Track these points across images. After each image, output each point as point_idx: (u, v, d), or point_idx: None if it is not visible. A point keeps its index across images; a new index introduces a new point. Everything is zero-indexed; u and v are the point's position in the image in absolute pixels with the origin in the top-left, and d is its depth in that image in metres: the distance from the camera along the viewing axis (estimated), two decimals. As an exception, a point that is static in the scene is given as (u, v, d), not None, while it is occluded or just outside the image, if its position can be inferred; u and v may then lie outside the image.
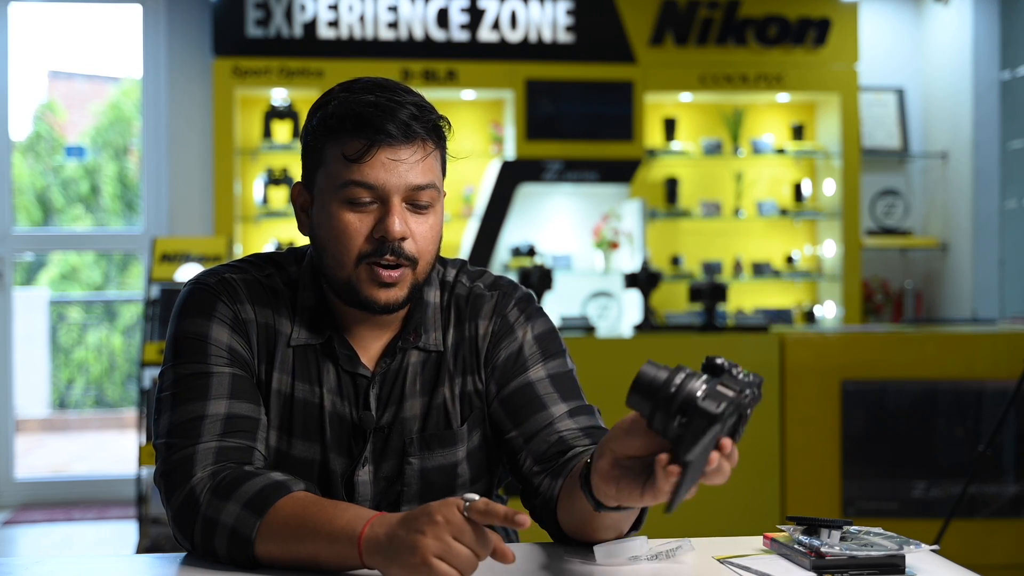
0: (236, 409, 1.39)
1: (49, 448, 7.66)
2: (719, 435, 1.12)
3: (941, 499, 3.81)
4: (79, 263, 9.48)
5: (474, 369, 1.51)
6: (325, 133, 1.41)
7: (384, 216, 1.38)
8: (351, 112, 1.39)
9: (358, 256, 1.39)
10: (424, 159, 1.41)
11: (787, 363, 3.86)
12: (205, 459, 1.35)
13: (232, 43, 5.35)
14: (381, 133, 1.37)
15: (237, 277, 1.48)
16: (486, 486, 1.55)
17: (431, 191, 1.41)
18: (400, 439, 1.47)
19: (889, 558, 1.29)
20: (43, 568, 1.37)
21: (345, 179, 1.38)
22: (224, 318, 1.44)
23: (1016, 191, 5.81)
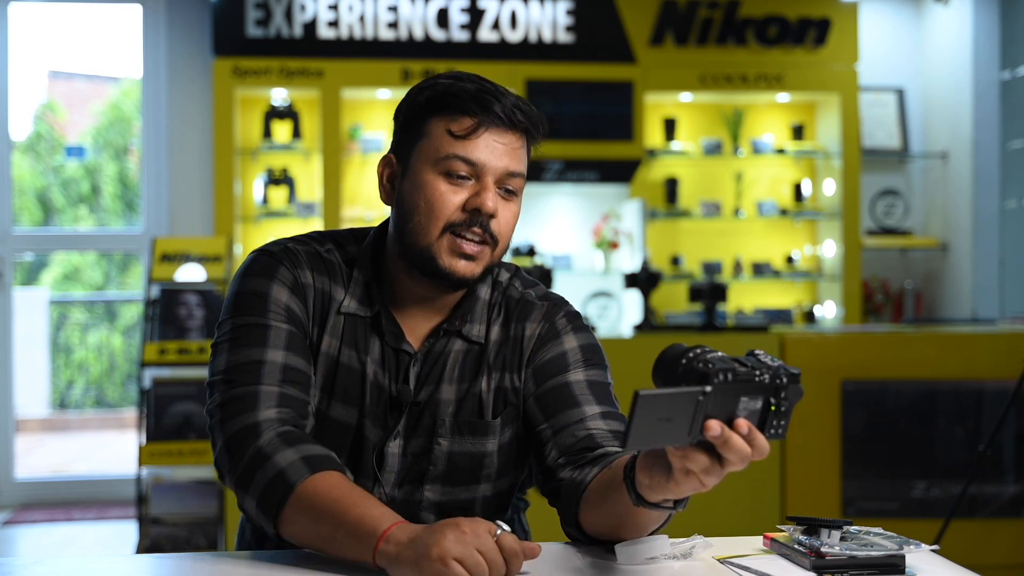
0: (292, 361, 1.44)
1: (49, 448, 7.66)
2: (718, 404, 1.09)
3: (941, 499, 3.81)
4: (81, 263, 9.48)
5: (514, 368, 1.54)
6: (432, 109, 1.47)
7: (480, 192, 1.44)
8: (463, 91, 1.46)
9: (447, 224, 1.44)
10: (521, 148, 1.48)
11: (787, 363, 3.85)
12: (268, 400, 1.41)
13: (232, 43, 5.35)
14: (490, 115, 1.44)
15: (300, 247, 1.53)
16: (510, 483, 1.57)
17: (520, 180, 1.48)
18: (432, 418, 1.50)
19: (889, 558, 1.29)
20: (43, 568, 1.37)
21: (448, 152, 1.44)
22: (284, 280, 1.49)
23: (1016, 191, 5.81)
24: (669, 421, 1.07)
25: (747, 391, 1.11)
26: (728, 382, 1.09)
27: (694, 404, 1.08)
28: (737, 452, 1.12)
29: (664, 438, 1.09)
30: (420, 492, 1.51)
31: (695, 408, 1.08)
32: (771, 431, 1.13)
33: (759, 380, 1.12)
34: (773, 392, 1.13)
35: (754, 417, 1.12)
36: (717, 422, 1.10)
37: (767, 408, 1.12)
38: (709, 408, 1.09)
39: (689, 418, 1.08)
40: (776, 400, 1.13)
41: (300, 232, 1.59)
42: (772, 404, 1.13)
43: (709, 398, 1.09)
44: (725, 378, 1.09)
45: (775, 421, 1.13)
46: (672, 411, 1.07)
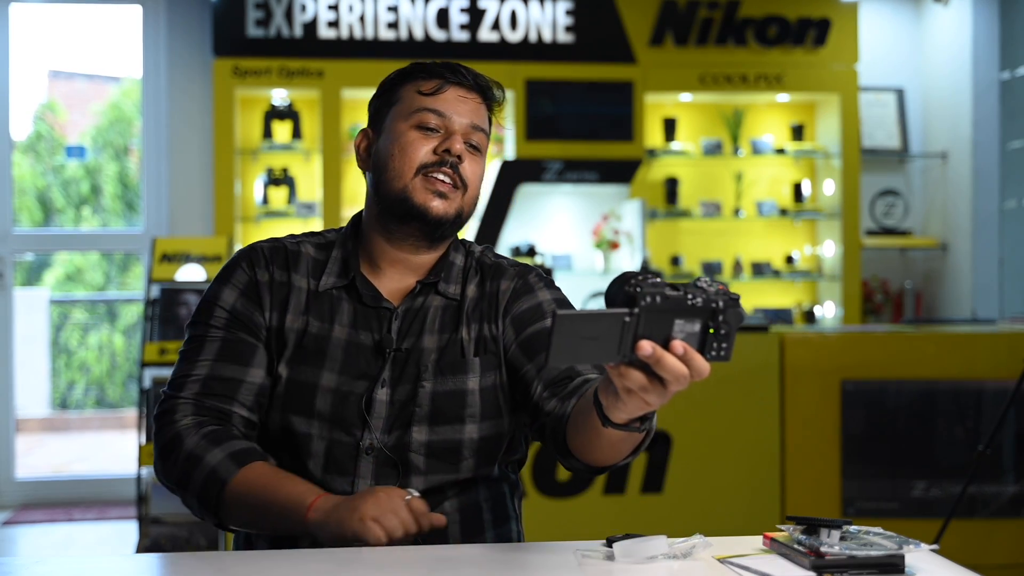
0: (216, 371, 1.58)
1: (49, 448, 7.66)
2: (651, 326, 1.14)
3: (941, 499, 3.81)
4: (83, 263, 9.48)
5: (491, 319, 1.64)
6: (403, 78, 1.65)
7: (448, 138, 1.59)
8: (430, 63, 1.65)
9: (420, 166, 1.59)
10: (483, 109, 1.65)
11: (787, 363, 3.86)
12: (185, 410, 1.57)
13: (232, 43, 5.35)
14: (454, 73, 1.62)
15: (265, 245, 1.67)
16: (496, 431, 1.61)
17: (483, 136, 1.64)
18: (416, 366, 1.59)
19: (889, 558, 1.29)
20: (43, 568, 1.37)
21: (418, 106, 1.61)
22: (238, 283, 1.63)
23: (1016, 191, 5.81)
24: (595, 340, 1.12)
25: (681, 314, 1.15)
26: (656, 305, 1.13)
27: (620, 325, 1.12)
28: (671, 371, 1.16)
29: (591, 356, 1.14)
30: (408, 435, 1.57)
31: (621, 329, 1.13)
32: (711, 353, 1.18)
33: (692, 303, 1.15)
34: (710, 315, 1.16)
35: (692, 340, 1.16)
36: (648, 342, 1.14)
37: (705, 331, 1.16)
38: (640, 330, 1.13)
39: (617, 338, 1.13)
40: (714, 323, 1.16)
41: (301, 228, 1.70)
42: (710, 327, 1.16)
43: (637, 320, 1.13)
44: (653, 301, 1.13)
45: (715, 344, 1.17)
46: (596, 331, 1.12)
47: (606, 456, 1.41)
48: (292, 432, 1.57)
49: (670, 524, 3.42)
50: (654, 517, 3.70)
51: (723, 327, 1.17)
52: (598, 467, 1.45)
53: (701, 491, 3.76)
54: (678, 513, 3.70)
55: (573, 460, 1.46)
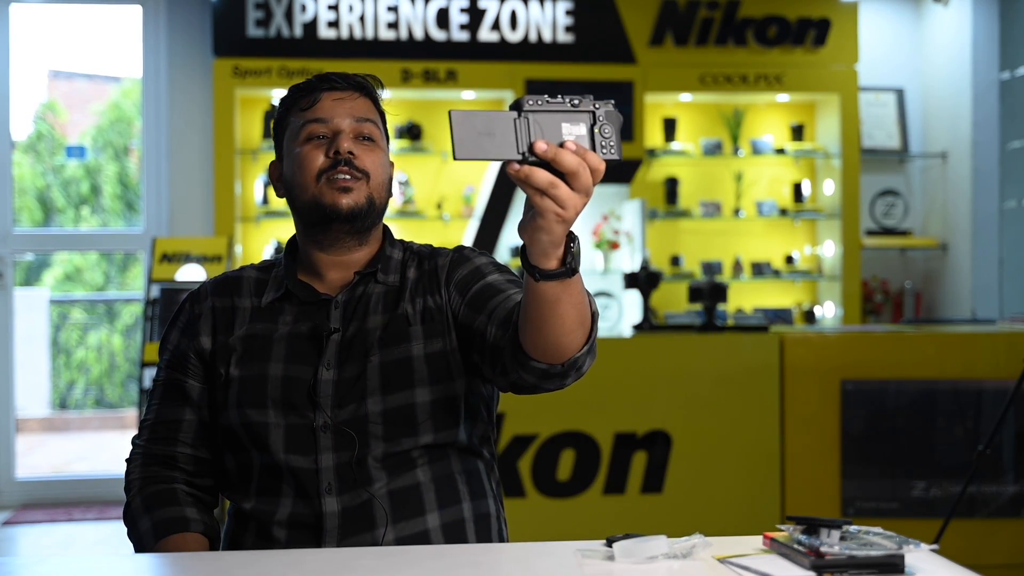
0: (161, 415, 1.74)
1: (49, 448, 7.66)
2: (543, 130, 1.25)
3: (941, 499, 3.81)
4: (83, 263, 9.48)
5: (433, 291, 1.71)
6: (284, 107, 1.74)
7: (334, 139, 1.67)
8: (300, 84, 1.75)
9: (318, 173, 1.66)
10: (362, 101, 1.73)
11: (787, 363, 3.86)
12: (137, 460, 1.80)
13: (232, 43, 5.35)
14: (325, 82, 1.72)
15: (210, 281, 1.79)
16: (448, 395, 1.65)
17: (372, 126, 1.71)
18: (363, 345, 1.66)
19: (889, 558, 1.29)
20: (43, 568, 1.37)
21: (302, 121, 1.69)
22: (179, 321, 1.77)
23: (1016, 191, 5.81)
24: (491, 136, 1.24)
25: (565, 118, 1.27)
26: (539, 106, 1.25)
27: (511, 124, 1.25)
28: (568, 164, 1.25)
29: (492, 151, 1.24)
30: (364, 407, 1.62)
31: (514, 128, 1.25)
32: (602, 152, 1.28)
33: (572, 104, 1.27)
34: (591, 117, 1.28)
35: (583, 141, 1.28)
36: (543, 141, 1.25)
37: (592, 132, 1.28)
38: (533, 133, 1.25)
39: (513, 137, 1.24)
40: (596, 123, 1.28)
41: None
42: (594, 128, 1.28)
43: (527, 123, 1.25)
44: (536, 103, 1.25)
45: (601, 142, 1.28)
46: (490, 127, 1.24)
47: (556, 334, 1.43)
48: (250, 424, 1.64)
49: (670, 524, 3.42)
50: (654, 517, 3.70)
51: (605, 126, 1.28)
52: (556, 362, 1.47)
53: (701, 491, 3.76)
54: (678, 513, 3.70)
55: (532, 363, 1.49)
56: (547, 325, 1.43)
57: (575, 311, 1.43)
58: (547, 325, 1.43)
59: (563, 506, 3.74)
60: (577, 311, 1.43)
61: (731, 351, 3.88)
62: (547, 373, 1.49)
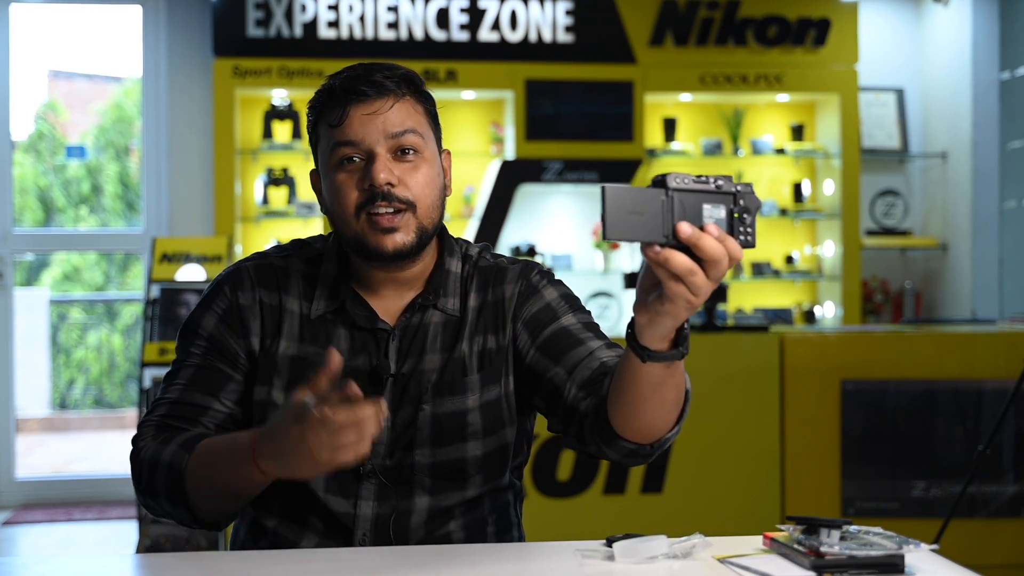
0: (185, 397, 1.54)
1: (49, 448, 7.66)
2: (685, 212, 1.20)
3: (941, 499, 3.81)
4: (82, 263, 9.48)
5: (498, 328, 1.58)
6: (315, 114, 1.57)
7: (369, 166, 1.50)
8: (328, 88, 1.56)
9: (356, 208, 1.50)
10: (398, 107, 1.53)
11: (787, 363, 3.86)
12: (148, 432, 1.54)
13: (232, 43, 5.35)
14: (352, 94, 1.52)
15: (251, 264, 1.61)
16: (500, 444, 1.58)
17: (412, 136, 1.52)
18: (418, 388, 1.54)
19: (889, 558, 1.29)
20: (43, 568, 1.37)
21: (332, 143, 1.52)
22: (217, 308, 1.58)
23: (1016, 191, 5.81)
24: (640, 215, 1.18)
25: (707, 199, 1.22)
26: (686, 186, 1.20)
27: (660, 203, 1.19)
28: (710, 251, 1.19)
29: (639, 232, 1.19)
30: (412, 457, 1.53)
31: (662, 208, 1.19)
32: (740, 237, 1.23)
33: (716, 186, 1.22)
34: (732, 200, 1.23)
35: (721, 225, 1.22)
36: (687, 223, 1.19)
37: (731, 216, 1.23)
38: (676, 214, 1.20)
39: (659, 217, 1.19)
40: (737, 208, 1.23)
41: (301, 228, 1.67)
42: (734, 212, 1.23)
43: (672, 201, 1.19)
44: (682, 182, 1.20)
45: (740, 228, 1.23)
46: (640, 206, 1.18)
47: (652, 417, 1.37)
48: None
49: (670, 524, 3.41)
50: (654, 517, 3.70)
51: (745, 211, 1.23)
52: (646, 442, 1.41)
53: (701, 491, 3.76)
54: (678, 513, 3.70)
55: (620, 441, 1.42)
56: (645, 406, 1.36)
57: (675, 392, 1.37)
58: (645, 406, 1.36)
59: (563, 506, 3.74)
60: (676, 392, 1.37)
61: (731, 351, 3.88)
62: (635, 453, 1.43)
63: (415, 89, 1.57)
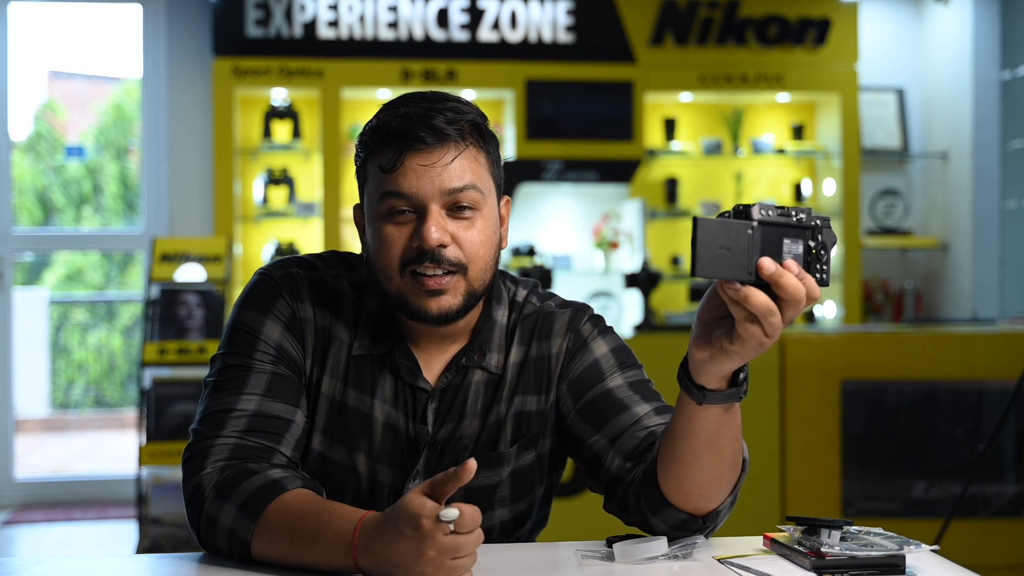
0: (266, 408, 1.38)
1: (49, 448, 7.65)
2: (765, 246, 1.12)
3: (941, 499, 3.81)
4: (83, 263, 9.48)
5: (541, 388, 1.49)
6: (367, 149, 1.42)
7: (422, 224, 1.36)
8: (383, 124, 1.39)
9: (401, 265, 1.38)
10: (459, 160, 1.37)
11: (787, 363, 3.86)
12: (219, 453, 1.35)
13: (232, 43, 5.35)
14: (409, 139, 1.36)
15: (303, 274, 1.47)
16: (528, 504, 1.53)
17: (472, 193, 1.38)
18: (454, 456, 1.45)
19: (889, 558, 1.29)
20: (43, 568, 1.37)
21: (382, 191, 1.38)
22: (280, 315, 1.44)
23: (1016, 191, 5.81)
24: (728, 251, 1.11)
25: (787, 234, 1.15)
26: (770, 219, 1.12)
27: (747, 237, 1.11)
28: (791, 290, 1.12)
29: (726, 270, 1.11)
30: None
31: (748, 242, 1.11)
32: (816, 275, 1.16)
33: (797, 219, 1.15)
34: (811, 235, 1.16)
35: (799, 261, 1.15)
36: (769, 259, 1.12)
37: (808, 252, 1.16)
38: (759, 248, 1.13)
39: (746, 252, 1.11)
40: (815, 243, 1.16)
41: (301, 228, 1.59)
42: (812, 248, 1.16)
43: (757, 234, 1.12)
44: (767, 214, 1.13)
45: (817, 264, 1.16)
46: (729, 240, 1.11)
47: (704, 477, 1.30)
48: None
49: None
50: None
51: (822, 247, 1.16)
52: (697, 513, 1.34)
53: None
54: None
55: (669, 510, 1.34)
56: (699, 462, 1.29)
57: (731, 448, 1.30)
58: (699, 462, 1.29)
59: (563, 506, 3.74)
60: (733, 448, 1.30)
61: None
62: (684, 525, 1.35)
63: (479, 135, 1.41)
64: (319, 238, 5.41)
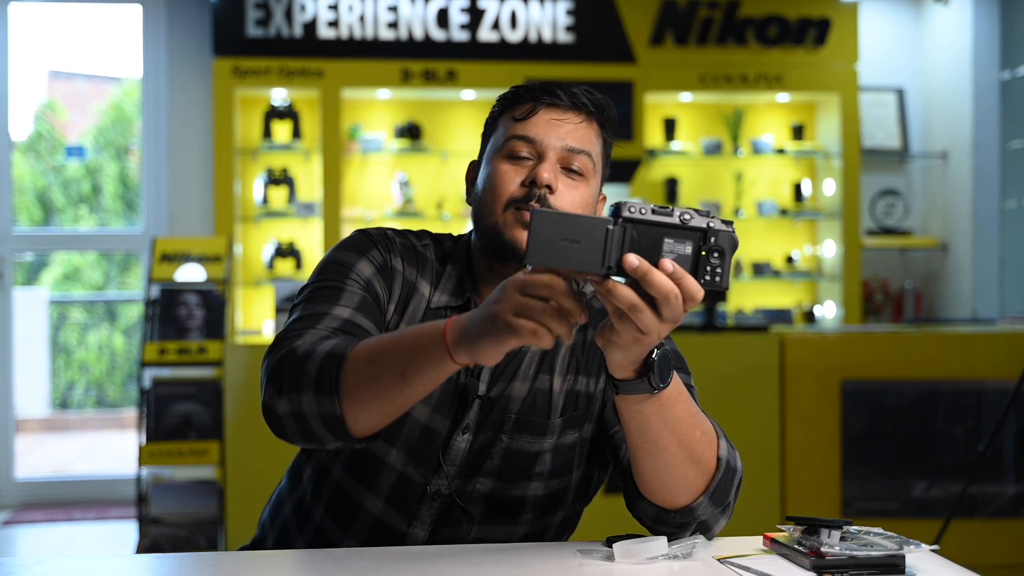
0: (358, 319, 1.44)
1: (49, 448, 7.66)
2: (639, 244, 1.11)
3: (941, 499, 3.81)
4: (82, 263, 9.49)
5: (591, 371, 1.54)
6: (502, 105, 1.55)
7: (538, 166, 1.47)
8: (526, 86, 1.54)
9: (508, 200, 1.47)
10: (585, 127, 1.50)
11: (787, 363, 3.86)
12: (313, 337, 1.38)
13: (232, 43, 5.35)
14: (548, 95, 1.50)
15: (397, 237, 1.57)
16: (563, 486, 1.55)
17: (585, 158, 1.49)
18: (502, 415, 1.50)
19: (889, 558, 1.29)
20: (43, 568, 1.37)
21: (510, 134, 1.50)
22: (374, 260, 1.52)
23: (1016, 191, 5.81)
24: (576, 243, 1.10)
25: (670, 234, 1.13)
26: (642, 218, 1.11)
27: (603, 233, 1.10)
28: (659, 288, 1.11)
29: (572, 261, 1.10)
30: (472, 484, 1.50)
31: (605, 237, 1.10)
32: (705, 278, 1.14)
33: (681, 220, 1.12)
34: (702, 237, 1.13)
35: (685, 262, 1.13)
36: (634, 255, 1.11)
37: (697, 254, 1.13)
38: (628, 246, 1.11)
39: (600, 247, 1.10)
40: (706, 246, 1.13)
41: (301, 228, 1.60)
42: (703, 250, 1.13)
43: (623, 232, 1.11)
44: (638, 211, 1.11)
45: (707, 267, 1.14)
46: (577, 234, 1.10)
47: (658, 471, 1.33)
48: (367, 452, 1.48)
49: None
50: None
51: (716, 250, 1.13)
52: (668, 507, 1.37)
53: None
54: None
55: (641, 502, 1.40)
56: (641, 453, 1.32)
57: (675, 441, 1.31)
58: (641, 453, 1.32)
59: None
60: (679, 441, 1.32)
61: (731, 351, 3.88)
62: (659, 518, 1.39)
63: (606, 118, 1.53)
64: (319, 238, 5.41)
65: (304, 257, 5.50)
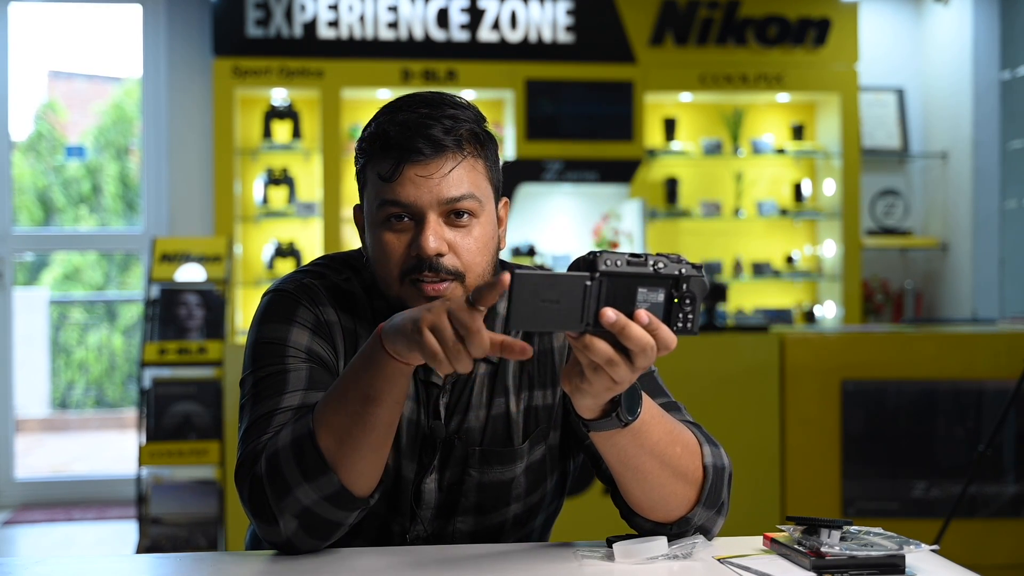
0: (311, 398, 1.39)
1: (49, 448, 7.66)
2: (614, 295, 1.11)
3: (941, 499, 3.81)
4: (82, 263, 9.49)
5: (546, 383, 1.50)
6: (364, 155, 1.44)
7: (419, 233, 1.38)
8: (382, 132, 1.40)
9: (401, 273, 1.39)
10: (456, 170, 1.39)
11: (787, 363, 3.86)
12: (270, 442, 1.35)
13: (232, 43, 5.35)
14: (408, 151, 1.38)
15: (317, 282, 1.48)
16: (540, 496, 1.55)
17: (469, 202, 1.39)
18: (463, 449, 1.47)
19: (889, 558, 1.29)
20: (43, 568, 1.37)
21: (381, 199, 1.40)
22: (305, 322, 1.44)
23: (1016, 191, 5.81)
24: (556, 303, 1.09)
25: (643, 283, 1.13)
26: (617, 270, 1.10)
27: (581, 289, 1.09)
28: (636, 341, 1.12)
29: (554, 322, 1.10)
30: (452, 524, 1.50)
31: (583, 294, 1.10)
32: (677, 325, 1.14)
33: (654, 269, 1.13)
34: (674, 284, 1.14)
35: (657, 310, 1.14)
36: (612, 310, 1.10)
37: (670, 301, 1.14)
38: (603, 299, 1.11)
39: (579, 304, 1.10)
40: (678, 293, 1.14)
41: (301, 228, 1.58)
42: (675, 297, 1.14)
43: (599, 286, 1.10)
44: (614, 265, 1.10)
45: (680, 315, 1.14)
46: (557, 294, 1.09)
47: (645, 493, 1.33)
48: None
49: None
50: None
51: (687, 297, 1.14)
52: (663, 521, 1.37)
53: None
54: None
55: (635, 518, 1.40)
56: (625, 480, 1.32)
57: (656, 463, 1.30)
58: (625, 480, 1.32)
59: (564, 505, 3.74)
60: (661, 462, 1.30)
61: (731, 351, 3.88)
62: (656, 531, 1.38)
63: (477, 142, 1.42)
64: (319, 238, 5.41)
65: (304, 257, 5.50)
